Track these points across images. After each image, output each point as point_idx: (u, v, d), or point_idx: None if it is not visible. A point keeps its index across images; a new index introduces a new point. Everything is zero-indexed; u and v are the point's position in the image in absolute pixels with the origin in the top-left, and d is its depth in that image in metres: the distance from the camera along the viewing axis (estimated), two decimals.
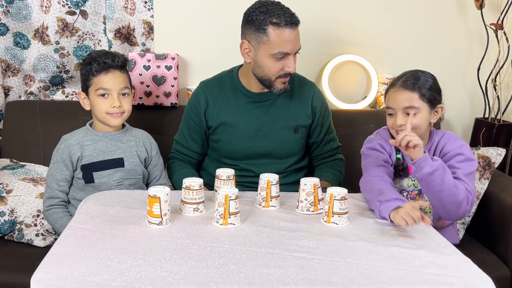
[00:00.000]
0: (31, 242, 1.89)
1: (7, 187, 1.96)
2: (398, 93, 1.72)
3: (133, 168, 1.86)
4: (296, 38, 1.82)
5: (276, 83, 1.87)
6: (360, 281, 1.15)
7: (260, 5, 1.82)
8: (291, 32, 1.79)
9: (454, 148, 1.75)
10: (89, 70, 1.79)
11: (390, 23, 2.52)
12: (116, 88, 1.80)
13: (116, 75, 1.80)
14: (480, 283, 1.18)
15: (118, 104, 1.80)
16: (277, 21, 1.78)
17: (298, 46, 1.84)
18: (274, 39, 1.79)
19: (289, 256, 1.26)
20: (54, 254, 1.23)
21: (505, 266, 1.87)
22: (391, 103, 1.73)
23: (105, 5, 2.34)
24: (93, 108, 1.83)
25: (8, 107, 2.30)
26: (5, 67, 2.36)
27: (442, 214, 1.73)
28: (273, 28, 1.78)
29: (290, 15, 1.80)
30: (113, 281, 1.11)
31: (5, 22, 2.31)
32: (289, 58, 1.83)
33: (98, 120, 1.85)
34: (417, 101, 1.70)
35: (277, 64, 1.83)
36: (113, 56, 1.81)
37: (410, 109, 1.69)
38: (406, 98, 1.70)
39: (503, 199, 1.94)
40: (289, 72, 1.85)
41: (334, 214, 1.47)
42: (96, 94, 1.80)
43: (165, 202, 1.40)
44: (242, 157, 1.98)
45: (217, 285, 1.11)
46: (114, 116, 1.81)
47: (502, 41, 2.48)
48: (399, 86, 1.73)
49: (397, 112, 1.71)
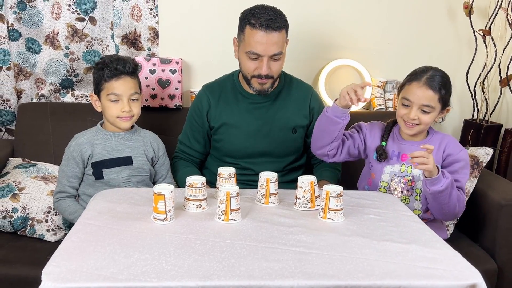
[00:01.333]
0: (42, 237, 1.89)
1: (20, 185, 1.96)
2: (422, 89, 1.69)
3: (140, 166, 1.87)
4: (269, 42, 1.79)
5: (252, 82, 1.88)
6: (355, 274, 1.15)
7: (253, 7, 1.84)
8: (264, 35, 1.78)
9: (457, 153, 1.76)
10: (101, 75, 1.80)
11: (384, 29, 2.52)
12: (126, 94, 1.80)
13: (126, 81, 1.80)
14: (468, 275, 1.18)
15: (128, 108, 1.80)
16: (253, 22, 1.79)
17: (272, 50, 1.80)
18: (248, 38, 1.81)
19: (287, 250, 1.26)
20: (64, 249, 1.23)
21: (492, 260, 1.87)
22: (411, 96, 1.70)
23: (113, 12, 2.34)
24: (105, 111, 1.83)
25: (20, 109, 2.30)
26: (18, 71, 2.36)
27: (435, 215, 1.75)
28: (249, 28, 1.80)
29: (269, 20, 1.77)
30: (120, 274, 1.11)
31: (18, 28, 2.31)
32: (262, 60, 1.82)
33: (108, 122, 1.86)
34: (435, 102, 1.70)
35: (251, 64, 1.84)
36: (124, 62, 1.81)
37: (427, 107, 1.69)
38: (428, 96, 1.69)
39: (490, 196, 1.94)
40: (260, 73, 1.84)
41: (330, 211, 1.47)
42: (107, 98, 1.80)
43: (169, 199, 1.40)
44: (243, 156, 1.98)
45: (219, 278, 1.11)
46: (124, 120, 1.82)
47: (489, 46, 2.48)
48: (424, 82, 1.69)
49: (413, 106, 1.70)
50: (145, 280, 1.09)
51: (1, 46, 2.28)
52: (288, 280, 1.12)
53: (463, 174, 1.75)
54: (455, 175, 1.72)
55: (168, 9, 2.40)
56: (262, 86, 1.89)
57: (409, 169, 1.78)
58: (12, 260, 1.71)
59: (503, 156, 2.51)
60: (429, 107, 1.69)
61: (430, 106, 1.69)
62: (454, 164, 1.75)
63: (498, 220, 1.87)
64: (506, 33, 2.49)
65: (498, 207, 1.87)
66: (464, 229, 2.07)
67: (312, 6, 2.44)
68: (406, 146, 1.79)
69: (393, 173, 1.80)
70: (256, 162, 1.97)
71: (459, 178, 1.73)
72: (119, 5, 2.33)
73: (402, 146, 1.80)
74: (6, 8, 2.27)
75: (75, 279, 1.08)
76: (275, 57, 1.83)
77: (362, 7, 2.48)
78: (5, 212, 1.87)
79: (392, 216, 1.53)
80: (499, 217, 1.86)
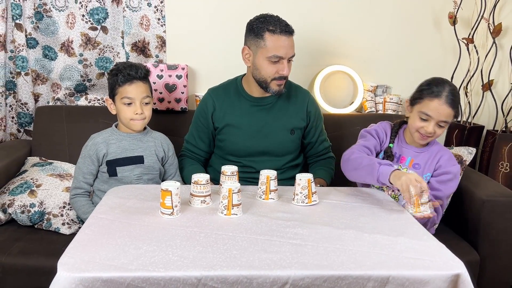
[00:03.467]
0: (58, 230, 1.89)
1: (37, 182, 1.96)
2: (443, 107, 1.65)
3: (151, 165, 1.87)
4: (289, 45, 1.83)
5: (271, 85, 1.88)
6: (347, 265, 1.15)
7: (260, 16, 1.86)
8: (285, 39, 1.81)
9: (448, 167, 1.75)
10: (116, 81, 1.80)
11: (374, 38, 2.52)
12: (138, 97, 1.80)
13: (138, 85, 1.80)
14: (453, 266, 1.17)
15: (141, 111, 1.80)
16: (273, 28, 1.80)
17: (291, 52, 1.84)
18: (270, 44, 1.81)
19: (285, 242, 1.26)
20: (78, 241, 1.23)
21: (475, 252, 1.87)
22: (432, 113, 1.66)
23: (123, 22, 2.34)
24: (119, 113, 1.84)
25: (37, 111, 2.30)
26: (35, 76, 2.36)
27: None
28: (269, 35, 1.80)
29: (285, 25, 1.82)
30: (130, 265, 1.11)
31: (35, 36, 2.31)
32: (283, 63, 1.83)
33: (122, 124, 1.86)
34: (451, 117, 1.69)
35: (272, 67, 1.84)
36: (137, 68, 1.80)
37: (444, 123, 1.69)
38: (447, 114, 1.67)
39: (473, 192, 1.94)
40: (283, 75, 1.85)
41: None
42: (122, 102, 1.80)
43: (175, 195, 1.40)
44: (244, 155, 1.98)
45: (221, 268, 1.11)
46: (136, 122, 1.82)
47: (472, 53, 2.48)
48: (445, 100, 1.65)
49: (431, 121, 1.68)
50: (153, 270, 1.09)
51: (20, 53, 2.28)
52: (286, 270, 1.12)
53: (448, 186, 1.75)
54: (441, 185, 1.73)
55: (175, 19, 2.40)
56: (280, 87, 1.89)
57: (405, 170, 1.77)
58: (30, 251, 1.71)
59: (485, 155, 2.51)
60: (446, 123, 1.69)
61: (447, 122, 1.69)
62: (443, 175, 1.75)
63: (480, 214, 1.87)
64: (488, 41, 2.49)
65: (480, 202, 1.87)
66: (449, 223, 2.07)
67: (309, 16, 2.44)
68: (407, 150, 1.79)
69: None
70: (257, 161, 1.97)
71: (442, 188, 1.74)
72: (129, 15, 2.33)
73: (404, 150, 1.79)
74: (24, 18, 2.27)
75: (88, 269, 1.08)
76: (291, 59, 1.86)
77: (354, 18, 2.48)
78: (23, 207, 1.87)
79: (382, 210, 1.54)
80: (481, 212, 1.86)
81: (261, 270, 1.11)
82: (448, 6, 2.44)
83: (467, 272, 1.16)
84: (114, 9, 2.33)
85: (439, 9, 2.50)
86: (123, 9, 2.32)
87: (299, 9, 2.43)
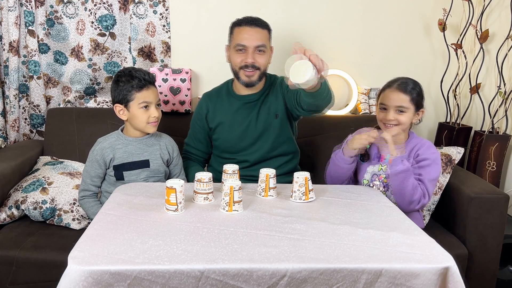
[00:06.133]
0: (68, 226, 1.89)
1: (49, 180, 1.96)
2: (394, 93, 1.72)
3: (157, 168, 1.84)
4: (253, 34, 1.85)
5: (240, 75, 1.90)
6: (342, 258, 1.15)
7: None
8: (249, 29, 1.85)
9: (426, 154, 1.75)
10: (132, 86, 1.73)
11: (368, 44, 2.52)
12: (154, 101, 1.77)
13: (153, 89, 1.78)
14: (442, 259, 1.17)
15: (157, 114, 1.78)
16: (239, 22, 1.89)
17: (255, 42, 1.85)
18: (236, 35, 1.88)
19: (284, 237, 1.26)
20: (88, 236, 1.23)
21: (463, 246, 1.87)
22: (386, 101, 1.74)
23: (130, 28, 2.33)
24: (134, 118, 1.76)
25: (49, 113, 2.30)
26: (47, 80, 2.36)
27: (399, 202, 1.72)
28: (236, 28, 1.88)
29: (253, 19, 1.87)
30: (137, 258, 1.11)
31: (47, 42, 2.31)
32: (247, 51, 1.86)
33: (136, 128, 1.80)
34: (408, 103, 1.71)
35: (238, 56, 1.87)
36: (148, 73, 1.77)
37: (401, 108, 1.71)
38: (400, 99, 1.71)
39: (461, 189, 1.94)
40: (247, 63, 1.85)
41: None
42: (139, 106, 1.74)
43: (180, 192, 1.40)
44: (238, 150, 1.98)
45: (223, 261, 1.11)
46: (152, 125, 1.79)
47: (461, 58, 2.48)
48: (395, 87, 1.73)
49: (389, 109, 1.72)
50: (159, 263, 1.09)
51: (32, 58, 2.28)
52: (284, 263, 1.12)
53: (427, 171, 1.73)
54: (420, 170, 1.72)
55: (179, 25, 2.40)
56: (250, 78, 1.88)
57: (384, 168, 1.78)
58: (42, 246, 1.71)
59: (472, 155, 2.51)
60: (403, 108, 1.71)
61: (404, 107, 1.71)
62: (422, 161, 1.74)
63: (468, 210, 1.87)
64: (475, 47, 2.48)
65: (468, 199, 1.87)
66: (438, 219, 2.07)
67: (305, 23, 2.44)
68: (387, 147, 1.78)
69: (373, 173, 1.80)
70: (250, 152, 1.96)
71: (423, 172, 1.72)
72: (135, 22, 2.33)
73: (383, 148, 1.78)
74: (36, 24, 2.27)
75: (97, 262, 1.08)
76: (259, 49, 1.86)
77: (348, 24, 2.48)
78: (35, 203, 1.87)
79: (375, 207, 1.53)
80: (469, 208, 1.86)
81: (260, 263, 1.11)
82: (438, 14, 2.44)
83: (456, 265, 1.16)
84: (121, 16, 2.33)
85: (429, 16, 2.50)
86: (130, 16, 2.32)
87: (296, 15, 2.43)
